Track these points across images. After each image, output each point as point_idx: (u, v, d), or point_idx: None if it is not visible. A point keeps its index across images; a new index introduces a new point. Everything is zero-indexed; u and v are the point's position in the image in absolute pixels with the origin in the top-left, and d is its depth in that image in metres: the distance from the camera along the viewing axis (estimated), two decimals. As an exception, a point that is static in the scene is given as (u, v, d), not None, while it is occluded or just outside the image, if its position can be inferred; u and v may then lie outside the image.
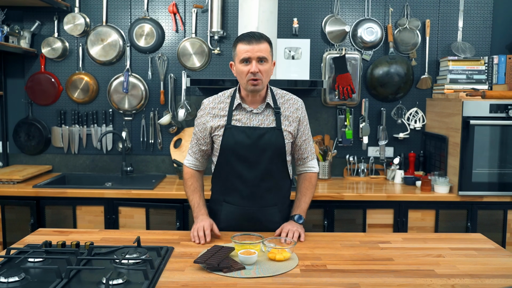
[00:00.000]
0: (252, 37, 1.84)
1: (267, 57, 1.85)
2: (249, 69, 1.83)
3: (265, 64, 1.85)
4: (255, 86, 1.85)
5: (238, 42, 1.87)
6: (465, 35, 3.34)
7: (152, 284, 1.43)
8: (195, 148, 2.04)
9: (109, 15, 3.33)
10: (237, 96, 1.94)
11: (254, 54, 1.82)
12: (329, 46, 3.34)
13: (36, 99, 3.35)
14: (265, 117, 1.94)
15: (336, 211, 2.83)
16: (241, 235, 1.77)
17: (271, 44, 1.90)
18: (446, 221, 2.85)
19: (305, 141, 2.03)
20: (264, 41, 1.86)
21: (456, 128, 2.85)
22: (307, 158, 2.06)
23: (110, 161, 3.40)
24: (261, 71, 1.84)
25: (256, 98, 1.93)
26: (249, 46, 1.82)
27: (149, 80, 3.34)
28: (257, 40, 1.83)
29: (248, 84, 1.86)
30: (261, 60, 1.84)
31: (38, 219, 2.84)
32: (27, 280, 1.44)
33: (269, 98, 1.95)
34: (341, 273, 1.56)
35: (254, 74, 1.83)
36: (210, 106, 1.98)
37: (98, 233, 1.99)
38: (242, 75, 1.86)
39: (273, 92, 1.99)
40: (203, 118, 1.98)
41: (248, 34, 1.87)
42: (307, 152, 2.05)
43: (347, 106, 3.35)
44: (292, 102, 2.00)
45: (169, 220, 2.82)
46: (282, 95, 2.01)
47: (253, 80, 1.84)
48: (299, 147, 2.03)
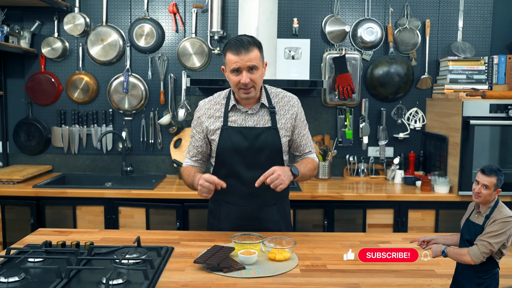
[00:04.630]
0: (240, 45, 1.79)
1: (258, 64, 1.82)
2: (239, 79, 1.81)
3: (256, 71, 1.83)
4: (248, 94, 1.85)
5: (227, 50, 1.83)
6: (465, 35, 3.34)
7: (152, 284, 1.43)
8: (193, 151, 2.03)
9: (109, 15, 3.33)
10: (232, 98, 1.94)
11: (244, 64, 1.79)
12: (329, 46, 3.34)
13: (36, 99, 3.35)
14: (260, 117, 1.94)
15: (336, 211, 2.83)
16: (241, 235, 1.77)
17: (261, 47, 1.87)
18: (446, 221, 2.85)
19: (304, 136, 2.02)
20: (253, 47, 1.81)
21: (456, 128, 2.85)
22: (309, 153, 2.04)
23: (110, 161, 3.40)
24: (253, 79, 1.82)
25: (250, 100, 1.93)
26: (238, 57, 1.79)
27: (149, 80, 3.34)
28: (246, 49, 1.79)
29: (240, 93, 1.85)
30: (251, 68, 1.81)
31: (38, 219, 2.84)
32: (27, 280, 1.44)
33: (263, 98, 1.94)
34: (341, 273, 1.56)
35: (246, 84, 1.81)
36: (206, 107, 1.98)
37: (98, 233, 1.99)
38: (234, 84, 1.85)
39: (267, 91, 1.98)
40: (199, 119, 1.98)
41: (236, 41, 1.81)
42: (308, 147, 2.04)
43: (347, 106, 3.35)
44: (287, 99, 1.99)
45: (169, 220, 2.82)
46: (276, 93, 1.99)
47: (244, 89, 1.83)
48: (298, 144, 2.01)
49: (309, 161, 2.00)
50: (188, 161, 2.05)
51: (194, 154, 2.03)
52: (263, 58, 1.89)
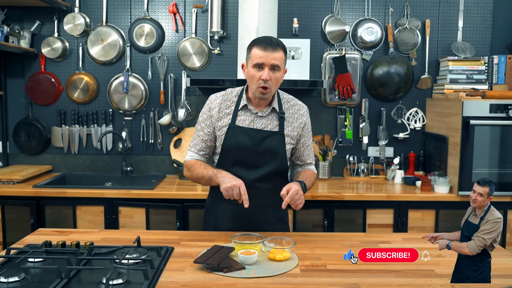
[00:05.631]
0: (269, 43, 1.81)
1: (280, 66, 1.84)
2: (261, 75, 1.82)
3: (277, 72, 1.84)
4: (264, 94, 1.85)
5: (254, 45, 1.85)
6: (465, 35, 3.34)
7: (152, 284, 1.43)
8: (201, 145, 1.97)
9: (109, 15, 3.33)
10: (244, 97, 1.94)
11: (268, 61, 1.81)
12: (329, 46, 3.34)
13: (36, 99, 3.35)
14: (269, 121, 1.94)
15: (336, 211, 2.83)
16: (241, 235, 1.77)
17: (286, 52, 1.88)
18: (446, 221, 2.85)
19: (308, 147, 2.04)
20: (280, 49, 1.84)
21: (456, 128, 2.85)
22: (309, 164, 2.08)
23: (110, 161, 3.40)
24: (272, 79, 1.83)
25: (262, 101, 1.93)
26: (264, 53, 1.80)
27: (149, 80, 3.35)
28: (273, 48, 1.81)
29: (257, 91, 1.85)
30: (274, 68, 1.83)
31: (38, 219, 2.84)
32: (27, 280, 1.43)
33: (275, 103, 1.95)
34: (341, 273, 1.56)
35: (265, 81, 1.82)
36: (218, 102, 1.96)
37: (98, 233, 1.98)
38: (253, 79, 1.85)
39: (279, 96, 1.99)
40: (210, 112, 1.96)
41: (265, 39, 1.83)
42: (310, 158, 2.06)
43: (347, 106, 3.35)
44: (298, 108, 2.00)
45: (169, 220, 2.82)
46: (288, 100, 2.00)
47: (262, 88, 1.83)
48: (301, 153, 2.04)
49: (311, 174, 2.02)
50: (194, 155, 1.99)
51: (202, 148, 1.98)
52: (285, 63, 1.91)
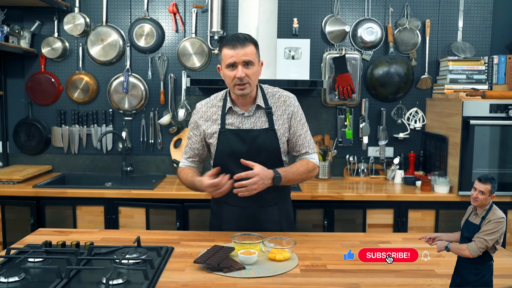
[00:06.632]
0: (236, 41, 1.80)
1: (253, 60, 1.82)
2: (235, 74, 1.81)
3: (252, 67, 1.83)
4: (243, 90, 1.84)
5: (223, 46, 1.84)
6: (465, 35, 3.34)
7: (152, 284, 1.43)
8: (190, 153, 2.03)
9: (109, 15, 3.33)
10: (228, 99, 1.93)
11: (239, 59, 1.80)
12: (329, 46, 3.34)
13: (36, 99, 3.35)
14: (257, 119, 1.93)
15: (336, 211, 2.83)
16: (241, 235, 1.77)
17: (257, 45, 1.87)
18: (446, 221, 2.85)
19: (300, 136, 1.97)
20: (249, 43, 1.82)
21: (456, 128, 2.85)
22: (306, 153, 1.99)
23: (110, 161, 3.40)
24: (248, 75, 1.82)
25: (246, 100, 1.91)
26: (234, 51, 1.79)
27: (149, 80, 3.34)
28: (242, 44, 1.80)
29: (235, 89, 1.84)
30: (247, 63, 1.81)
31: (38, 219, 2.84)
32: (27, 280, 1.44)
33: (259, 99, 1.93)
34: (341, 273, 1.56)
35: (241, 79, 1.81)
36: (203, 110, 1.98)
37: (98, 233, 1.99)
38: (229, 80, 1.84)
39: (263, 91, 1.97)
40: (196, 122, 1.98)
41: (232, 37, 1.83)
42: (305, 147, 1.99)
43: (347, 106, 3.35)
44: (283, 99, 1.96)
45: (169, 220, 2.82)
46: (273, 93, 1.97)
47: (239, 85, 1.82)
48: (295, 143, 1.98)
49: (302, 164, 1.95)
50: (185, 161, 2.05)
51: (191, 156, 2.03)
52: (259, 56, 1.89)
